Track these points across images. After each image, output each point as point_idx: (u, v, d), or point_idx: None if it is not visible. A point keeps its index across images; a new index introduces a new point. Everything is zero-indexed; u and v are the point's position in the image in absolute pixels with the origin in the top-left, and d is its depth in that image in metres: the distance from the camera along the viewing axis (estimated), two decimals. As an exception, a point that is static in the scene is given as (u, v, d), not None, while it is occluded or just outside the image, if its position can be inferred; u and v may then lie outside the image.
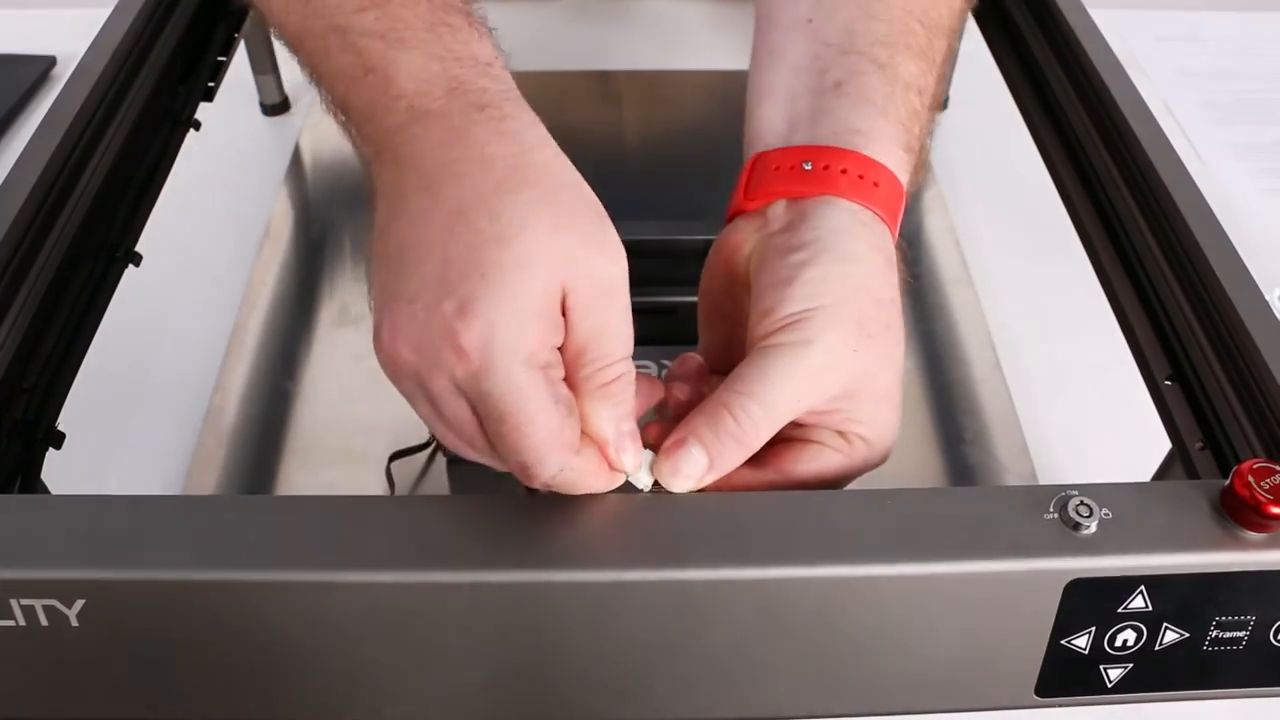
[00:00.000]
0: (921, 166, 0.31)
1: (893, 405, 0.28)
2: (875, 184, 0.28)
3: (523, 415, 0.24)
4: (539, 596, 0.25)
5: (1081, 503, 0.26)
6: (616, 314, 0.25)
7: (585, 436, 0.25)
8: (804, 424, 0.28)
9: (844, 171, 0.29)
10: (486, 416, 0.24)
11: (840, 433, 0.28)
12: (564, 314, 0.25)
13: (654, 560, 0.25)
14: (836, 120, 0.30)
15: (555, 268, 0.24)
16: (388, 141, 0.25)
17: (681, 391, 0.29)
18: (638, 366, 0.41)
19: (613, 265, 0.25)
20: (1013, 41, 0.50)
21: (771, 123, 0.31)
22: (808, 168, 0.29)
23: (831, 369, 0.27)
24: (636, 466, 0.26)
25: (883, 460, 0.29)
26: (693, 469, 0.26)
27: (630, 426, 0.25)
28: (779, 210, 0.29)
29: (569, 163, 0.26)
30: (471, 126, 0.25)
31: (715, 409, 0.26)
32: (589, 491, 0.26)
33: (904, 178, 0.29)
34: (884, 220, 0.29)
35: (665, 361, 0.41)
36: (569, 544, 0.25)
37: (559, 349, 0.25)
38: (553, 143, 0.26)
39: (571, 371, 0.25)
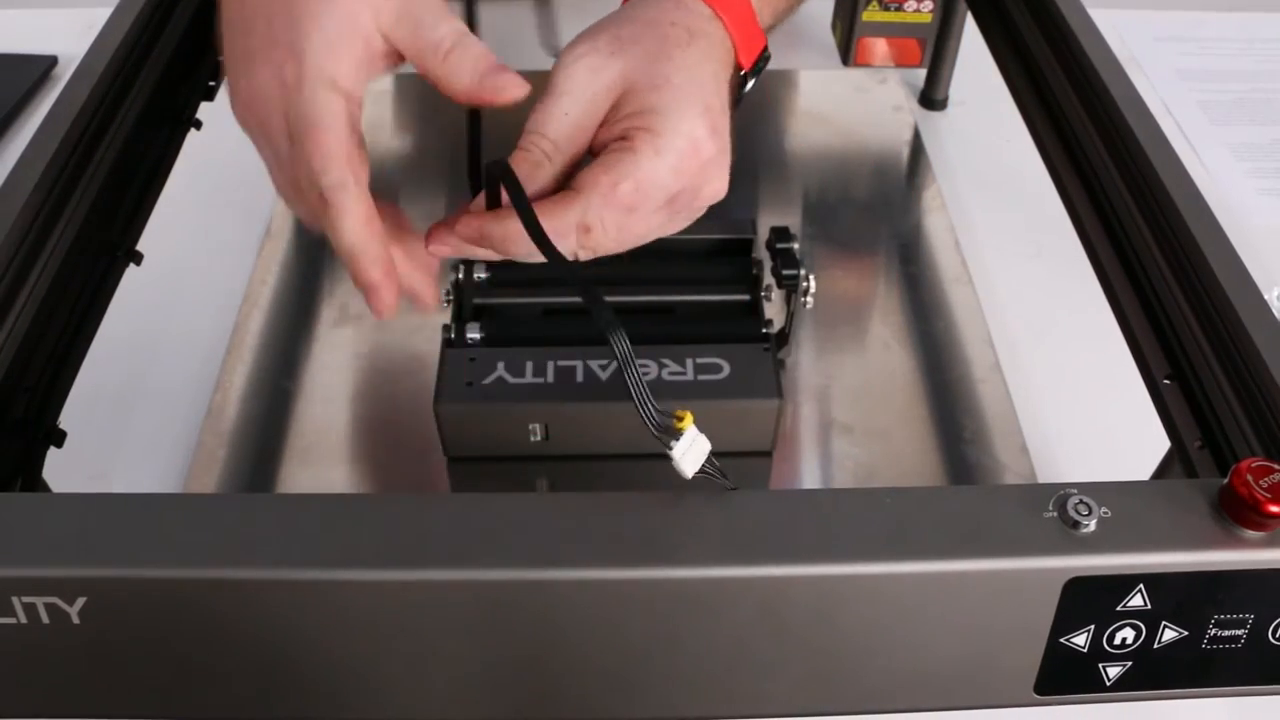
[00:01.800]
0: None
1: (697, 111, 0.29)
2: None
3: (319, 127, 0.27)
4: (539, 596, 0.25)
5: (1080, 501, 0.26)
6: (437, 7, 0.27)
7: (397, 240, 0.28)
8: (602, 142, 0.30)
9: None
10: (294, 139, 0.27)
11: (625, 137, 0.29)
12: (387, 39, 0.27)
13: (654, 560, 0.25)
14: None
15: (358, 4, 0.26)
16: None
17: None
18: (637, 365, 0.41)
19: None
20: (1012, 41, 0.50)
21: None
22: None
23: (590, 72, 0.29)
24: (518, 89, 0.27)
25: (682, 179, 0.29)
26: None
27: (495, 61, 0.27)
28: None
29: None
30: None
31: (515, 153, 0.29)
32: (345, 229, 0.27)
33: None
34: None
35: (665, 361, 0.41)
36: (569, 543, 0.25)
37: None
38: None
39: (423, 63, 0.28)
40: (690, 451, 0.26)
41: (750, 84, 0.33)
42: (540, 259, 0.28)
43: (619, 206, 0.29)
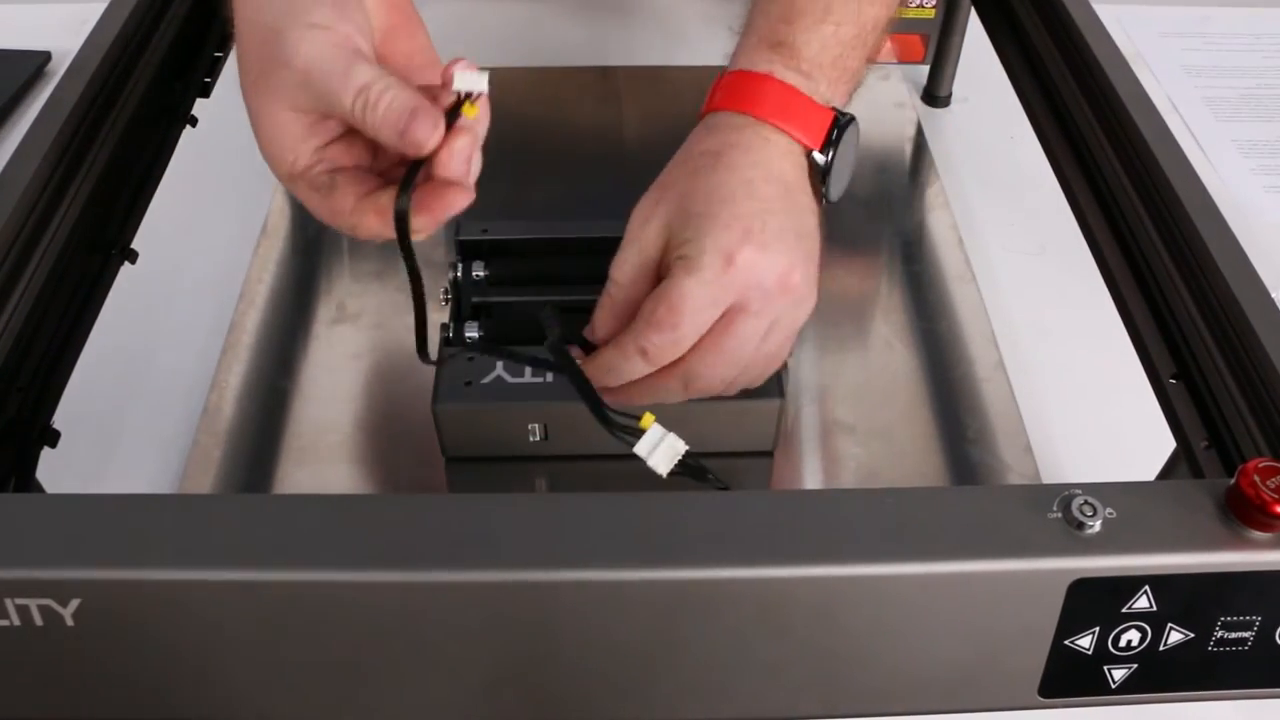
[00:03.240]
0: (836, 48, 0.35)
1: (715, 222, 0.32)
2: (718, 91, 0.35)
3: (311, 210, 0.31)
4: (539, 596, 0.25)
5: (1085, 502, 0.26)
6: (319, 88, 0.29)
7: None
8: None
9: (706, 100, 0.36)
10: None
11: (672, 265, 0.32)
12: (320, 114, 0.30)
13: (654, 560, 0.25)
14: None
15: (270, 107, 0.29)
16: None
17: None
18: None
19: (297, 62, 0.29)
20: (1016, 37, 0.50)
21: None
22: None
23: (641, 223, 0.33)
24: (432, 133, 0.28)
25: (726, 289, 0.32)
26: (591, 333, 0.33)
27: (404, 119, 0.28)
28: None
29: (260, 2, 0.30)
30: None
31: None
32: (367, 231, 0.30)
33: (770, 68, 0.34)
34: (728, 109, 0.34)
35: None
36: (569, 544, 0.25)
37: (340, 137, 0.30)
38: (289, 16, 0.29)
39: (356, 126, 0.29)
40: (660, 450, 0.26)
41: (833, 154, 0.35)
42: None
43: (658, 326, 0.31)
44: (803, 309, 0.34)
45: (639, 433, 0.26)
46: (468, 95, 0.28)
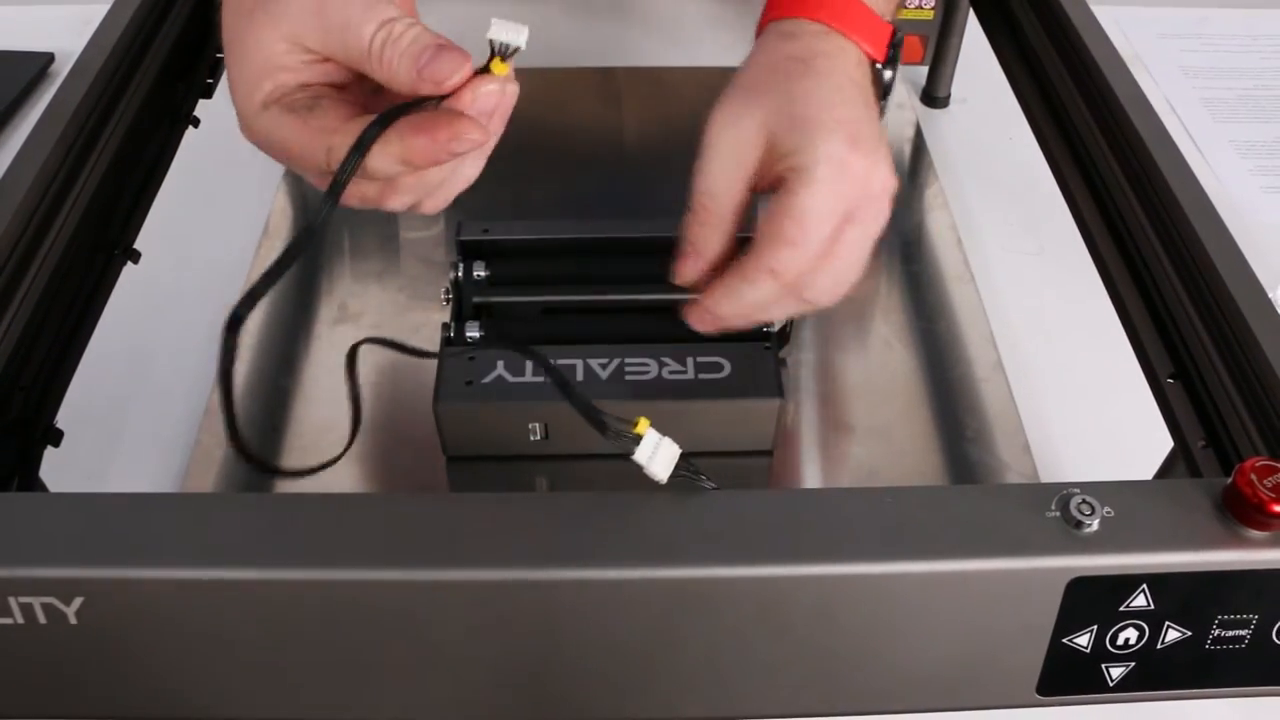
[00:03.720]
0: None
1: (827, 130, 0.31)
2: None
3: (279, 149, 0.28)
4: (539, 595, 0.25)
5: (1083, 501, 0.26)
6: (335, 16, 0.27)
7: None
8: (763, 188, 0.32)
9: (770, 5, 0.34)
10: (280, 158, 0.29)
11: (781, 180, 0.31)
12: (324, 56, 0.28)
13: (654, 559, 0.25)
14: None
15: (264, 37, 0.27)
16: None
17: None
18: (638, 364, 0.41)
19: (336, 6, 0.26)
20: (1015, 38, 0.50)
21: None
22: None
23: (734, 129, 0.31)
24: (456, 69, 0.26)
25: (842, 198, 0.31)
26: (684, 262, 0.32)
27: (427, 54, 0.26)
28: None
29: None
30: None
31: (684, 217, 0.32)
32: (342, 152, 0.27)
33: None
34: (808, 18, 0.33)
35: (666, 360, 0.40)
36: (569, 543, 0.25)
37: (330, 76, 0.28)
38: None
39: (365, 70, 0.27)
40: (657, 455, 0.26)
41: (891, 72, 0.35)
42: None
43: (788, 242, 0.30)
44: (887, 216, 0.33)
45: (636, 439, 0.26)
46: (503, 48, 0.25)
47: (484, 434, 0.40)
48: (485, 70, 0.26)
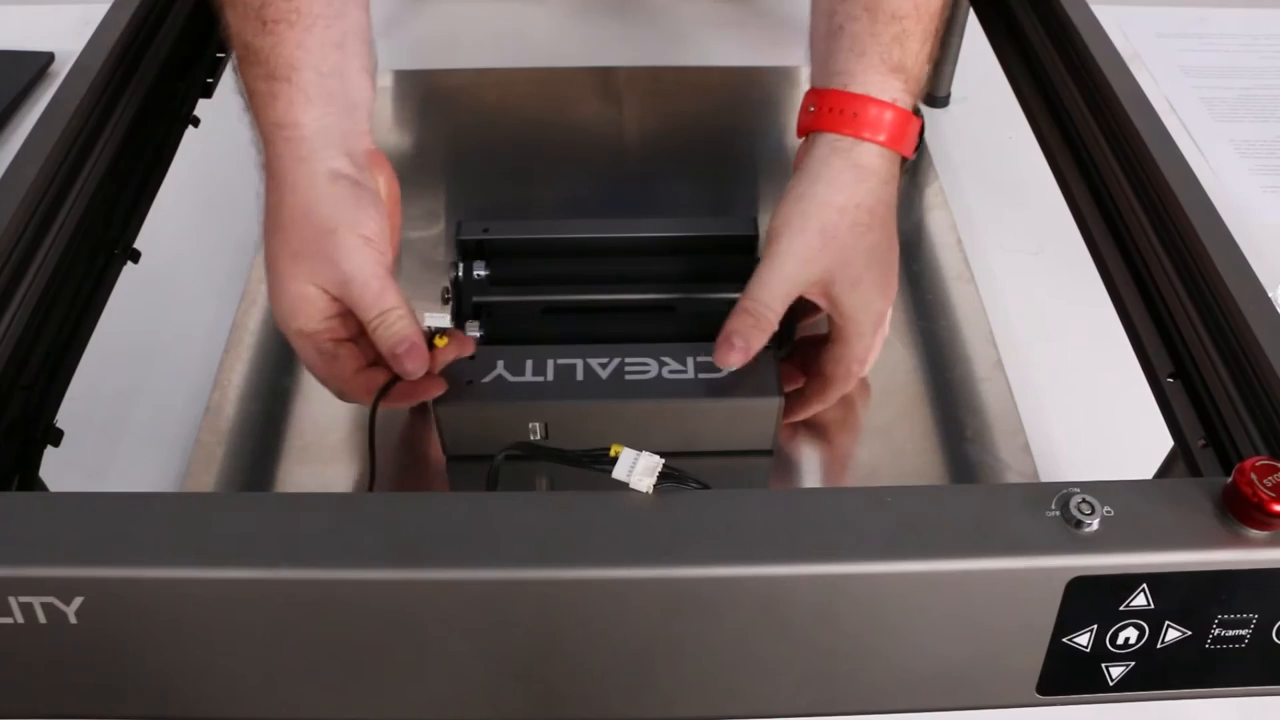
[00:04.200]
0: (925, 64, 0.40)
1: (871, 287, 0.39)
2: (854, 114, 0.38)
3: (305, 363, 0.38)
4: (539, 596, 0.25)
5: (1083, 500, 0.26)
6: (355, 293, 0.36)
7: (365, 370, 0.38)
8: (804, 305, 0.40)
9: (829, 109, 0.39)
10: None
11: (834, 328, 0.40)
12: (340, 305, 0.37)
13: (654, 559, 0.25)
14: (833, 63, 0.39)
15: (300, 280, 0.36)
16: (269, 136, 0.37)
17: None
18: (638, 364, 0.41)
19: (345, 265, 0.36)
20: (1015, 38, 0.50)
21: (812, 66, 0.41)
22: (811, 110, 0.39)
23: (804, 265, 0.38)
24: (417, 367, 0.37)
25: (871, 336, 0.40)
26: (732, 353, 0.38)
27: (404, 346, 0.36)
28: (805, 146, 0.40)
29: (316, 195, 0.36)
30: (281, 164, 0.37)
31: (737, 311, 0.38)
32: (356, 397, 0.38)
33: (894, 94, 0.38)
34: (869, 140, 0.38)
35: (666, 359, 0.40)
36: (569, 543, 0.25)
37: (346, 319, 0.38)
38: (312, 177, 0.36)
39: (360, 321, 0.37)
40: (636, 469, 0.26)
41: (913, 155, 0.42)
42: None
43: (852, 379, 0.41)
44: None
45: (611, 461, 0.26)
46: (439, 331, 0.38)
47: (484, 434, 0.40)
48: (432, 346, 0.38)
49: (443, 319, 0.39)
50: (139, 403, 0.46)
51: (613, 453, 0.26)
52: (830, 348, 0.40)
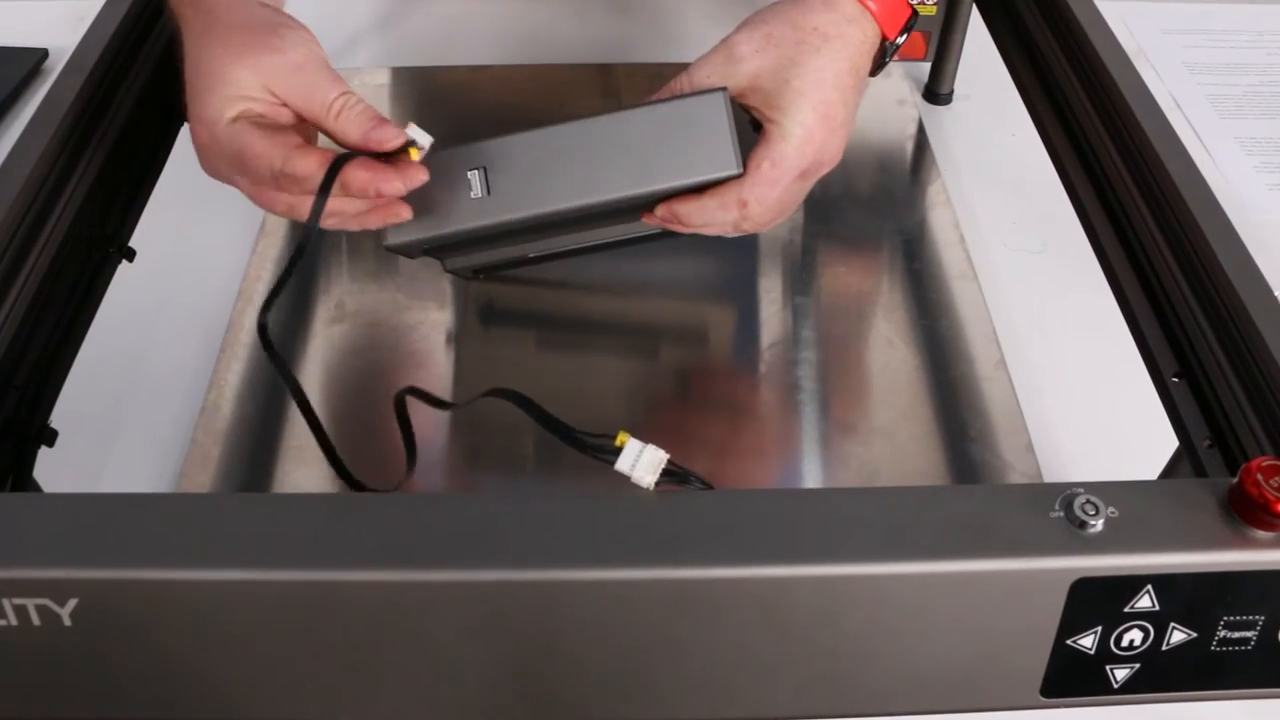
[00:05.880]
0: None
1: (802, 99, 0.37)
2: None
3: (236, 150, 0.34)
4: (539, 596, 0.25)
5: (1087, 501, 0.26)
6: (309, 78, 0.34)
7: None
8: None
9: None
10: (242, 173, 0.36)
11: (760, 120, 0.38)
12: (283, 103, 0.35)
13: (654, 560, 0.25)
14: None
15: (245, 71, 0.34)
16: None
17: None
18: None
19: (293, 54, 0.34)
20: (1018, 34, 0.49)
21: None
22: None
23: (735, 62, 0.37)
24: (392, 140, 0.34)
25: (805, 158, 0.37)
26: None
27: (375, 122, 0.34)
28: None
29: (249, 10, 0.35)
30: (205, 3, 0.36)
31: (664, 89, 0.38)
32: (304, 167, 0.34)
33: None
34: None
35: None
36: (570, 543, 0.25)
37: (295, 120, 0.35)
38: (244, 2, 0.35)
39: (316, 122, 0.35)
40: (641, 463, 0.26)
41: (902, 38, 0.40)
42: None
43: (766, 182, 0.37)
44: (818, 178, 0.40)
45: (616, 451, 0.26)
46: (413, 144, 0.35)
47: (422, 209, 0.37)
48: (404, 152, 0.35)
49: (425, 137, 0.35)
50: (134, 403, 0.46)
51: (618, 441, 0.26)
52: (752, 150, 0.37)
